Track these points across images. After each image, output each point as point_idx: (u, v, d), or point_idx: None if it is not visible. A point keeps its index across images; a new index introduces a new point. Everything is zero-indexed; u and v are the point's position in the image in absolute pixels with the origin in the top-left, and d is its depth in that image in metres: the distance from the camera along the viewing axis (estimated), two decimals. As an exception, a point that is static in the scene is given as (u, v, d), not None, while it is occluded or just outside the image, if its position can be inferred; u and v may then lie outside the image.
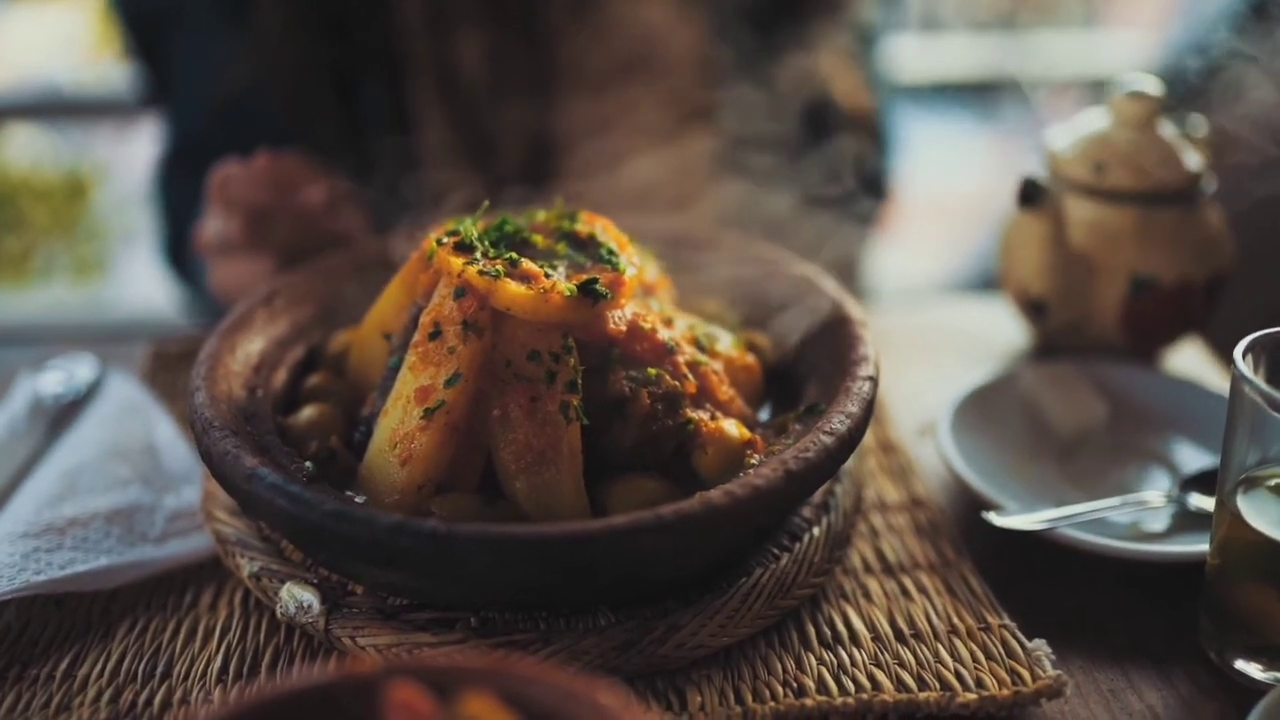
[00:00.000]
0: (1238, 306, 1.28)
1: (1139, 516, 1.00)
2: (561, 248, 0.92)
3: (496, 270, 0.85)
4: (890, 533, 1.00)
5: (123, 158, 3.85)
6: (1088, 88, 3.78)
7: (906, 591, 0.92)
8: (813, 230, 1.12)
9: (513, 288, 0.84)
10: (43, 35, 3.82)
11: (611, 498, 0.84)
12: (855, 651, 0.85)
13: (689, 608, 0.83)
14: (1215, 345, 1.34)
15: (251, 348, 0.99)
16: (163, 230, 1.67)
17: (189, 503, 0.99)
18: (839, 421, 0.85)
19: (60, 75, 3.61)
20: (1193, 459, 1.09)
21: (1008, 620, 0.88)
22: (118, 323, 3.24)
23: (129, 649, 0.86)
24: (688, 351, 0.92)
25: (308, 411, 0.93)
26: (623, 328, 0.88)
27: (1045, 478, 1.07)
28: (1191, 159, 1.20)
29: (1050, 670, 0.82)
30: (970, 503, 1.03)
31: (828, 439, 0.83)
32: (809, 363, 0.99)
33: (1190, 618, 0.91)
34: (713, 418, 0.89)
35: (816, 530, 0.91)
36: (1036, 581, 0.96)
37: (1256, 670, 0.84)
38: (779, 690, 0.81)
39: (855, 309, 1.01)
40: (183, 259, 1.65)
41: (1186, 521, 0.99)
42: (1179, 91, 1.23)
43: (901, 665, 0.84)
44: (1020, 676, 0.82)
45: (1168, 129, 1.22)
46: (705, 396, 0.91)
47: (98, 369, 1.20)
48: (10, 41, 3.80)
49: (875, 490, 1.05)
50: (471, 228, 0.90)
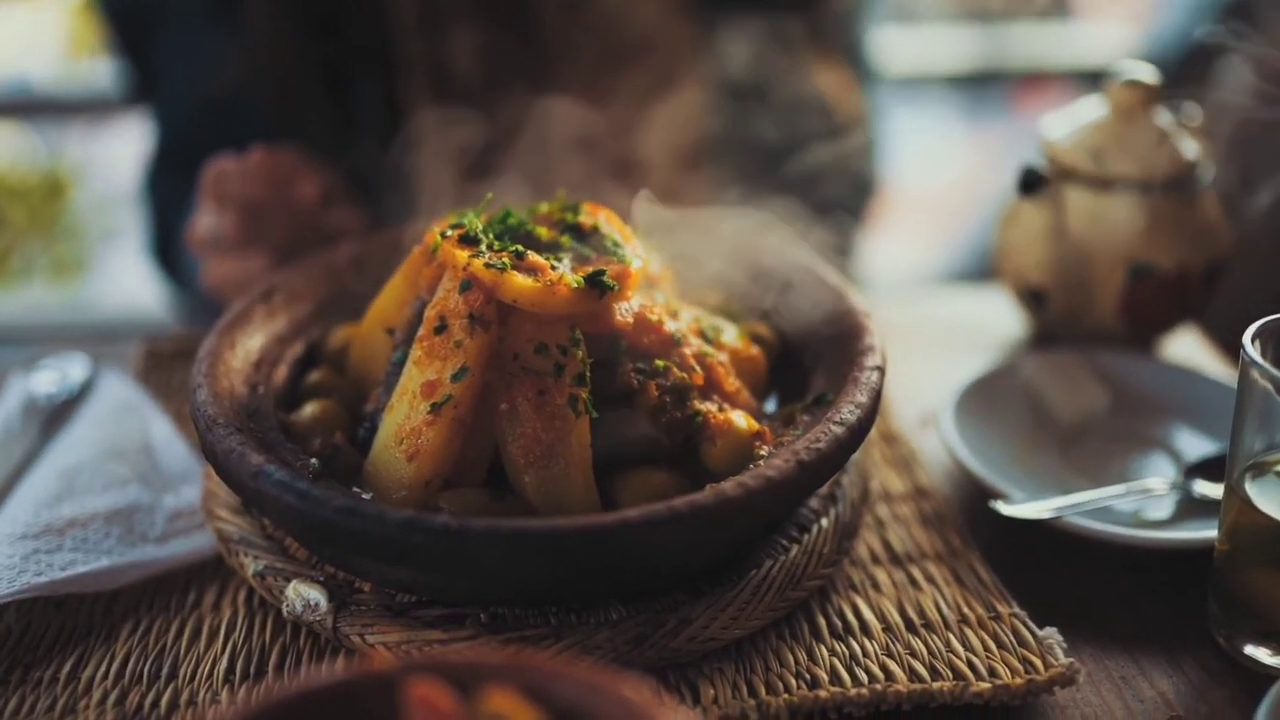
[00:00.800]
0: (1230, 294, 1.28)
1: (1141, 504, 1.00)
2: (566, 240, 0.92)
3: (503, 263, 0.84)
4: (896, 523, 0.99)
5: (101, 156, 3.81)
6: (1064, 79, 3.80)
7: (915, 582, 0.92)
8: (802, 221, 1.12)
9: (520, 280, 0.83)
10: (15, 33, 3.77)
11: (621, 491, 0.84)
12: (867, 642, 0.85)
13: (700, 600, 0.82)
14: (1211, 333, 1.34)
15: (251, 344, 0.97)
16: (151, 229, 1.65)
17: (189, 502, 0.98)
18: (849, 411, 0.85)
19: (35, 73, 3.57)
20: (1193, 445, 1.09)
21: (1018, 609, 0.88)
22: (101, 322, 3.20)
23: (133, 650, 0.85)
24: (694, 343, 0.91)
25: (310, 408, 0.92)
26: (630, 320, 0.88)
27: (1048, 466, 1.07)
28: (1188, 147, 1.20)
29: (1063, 658, 0.81)
30: (974, 492, 1.03)
31: (838, 429, 0.83)
32: (814, 353, 0.99)
33: (1195, 603, 0.91)
34: (720, 409, 0.89)
35: (825, 521, 0.91)
36: (1041, 570, 0.96)
37: (1266, 655, 0.84)
38: (792, 682, 0.81)
39: (859, 299, 1.00)
40: (171, 258, 1.63)
41: (1190, 508, 0.99)
42: (1164, 79, 1.23)
43: (914, 655, 0.83)
44: (1033, 665, 0.81)
45: (1164, 117, 1.22)
46: (712, 388, 0.91)
47: (90, 368, 1.19)
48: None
49: (879, 481, 1.05)
50: (475, 221, 0.89)
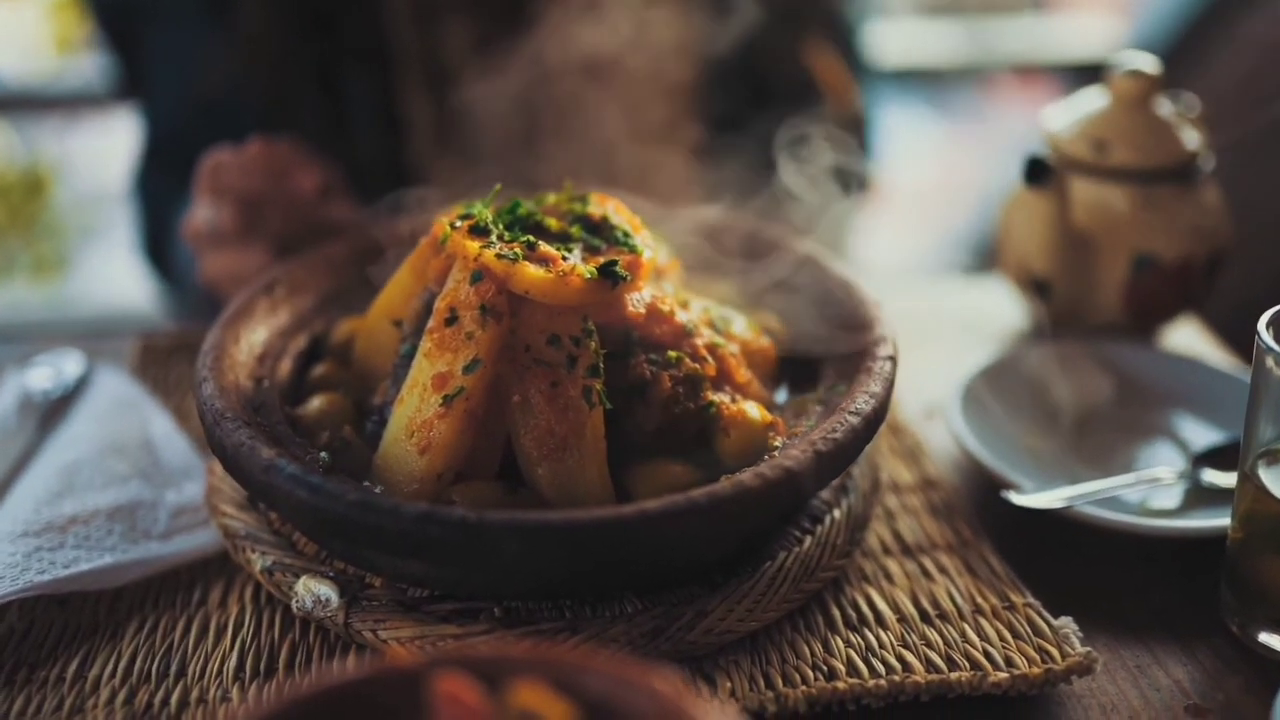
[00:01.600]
0: (1230, 284, 1.29)
1: (1149, 492, 1.00)
2: (575, 230, 0.91)
3: (514, 254, 0.83)
4: (905, 514, 0.99)
5: (80, 153, 3.77)
6: (1043, 74, 3.81)
7: (927, 572, 0.92)
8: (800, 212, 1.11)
9: (531, 271, 0.82)
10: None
11: (636, 483, 0.83)
12: (882, 633, 0.85)
13: (715, 593, 0.82)
14: (1212, 323, 1.35)
15: (255, 338, 0.96)
16: (142, 227, 1.63)
17: (192, 497, 0.96)
18: (863, 401, 0.84)
19: (13, 69, 3.53)
20: (1198, 434, 1.09)
21: (1032, 598, 0.87)
22: (88, 319, 3.17)
23: (140, 648, 0.84)
24: (705, 334, 0.91)
25: (317, 401, 0.91)
26: (642, 310, 0.87)
27: (1055, 456, 1.07)
28: (1190, 137, 1.20)
29: (1079, 647, 0.81)
30: (983, 482, 1.03)
31: (854, 419, 0.82)
32: (824, 345, 0.98)
33: (1207, 591, 0.91)
34: (733, 400, 0.88)
35: (837, 512, 0.90)
36: (1052, 559, 0.96)
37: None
38: (809, 674, 0.80)
39: (868, 289, 1.00)
40: (163, 255, 1.61)
41: (1199, 497, 0.99)
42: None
43: (929, 646, 0.83)
44: (1049, 654, 0.81)
45: (1165, 107, 1.22)
46: (724, 379, 0.90)
47: (85, 364, 1.17)
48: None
49: (888, 472, 1.04)
50: (485, 211, 0.88)
